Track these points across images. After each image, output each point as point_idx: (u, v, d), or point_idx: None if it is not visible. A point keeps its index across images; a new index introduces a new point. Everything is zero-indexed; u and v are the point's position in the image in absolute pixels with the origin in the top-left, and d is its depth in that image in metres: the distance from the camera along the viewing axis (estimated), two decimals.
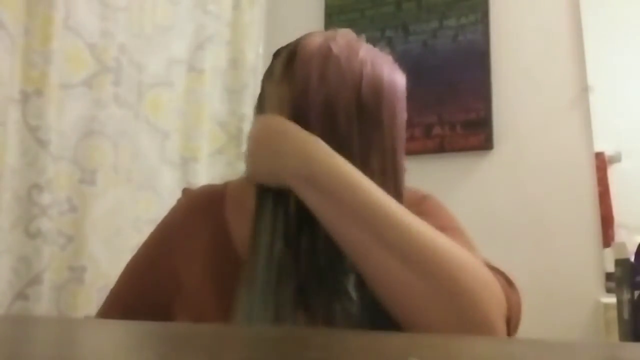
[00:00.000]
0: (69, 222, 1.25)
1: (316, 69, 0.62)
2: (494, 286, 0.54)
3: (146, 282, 0.71)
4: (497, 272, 0.58)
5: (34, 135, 1.18)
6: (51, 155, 1.19)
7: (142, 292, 0.70)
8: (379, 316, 0.57)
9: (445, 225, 0.63)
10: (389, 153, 0.64)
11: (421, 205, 0.69)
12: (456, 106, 1.73)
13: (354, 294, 0.59)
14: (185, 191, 0.77)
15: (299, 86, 0.62)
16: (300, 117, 0.61)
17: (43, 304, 1.14)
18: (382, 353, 0.33)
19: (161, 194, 1.48)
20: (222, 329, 0.46)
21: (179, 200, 0.77)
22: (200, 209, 0.68)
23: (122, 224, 1.34)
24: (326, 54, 0.63)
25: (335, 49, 0.63)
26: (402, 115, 0.67)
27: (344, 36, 0.67)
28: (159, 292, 0.68)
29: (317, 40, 0.65)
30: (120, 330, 0.44)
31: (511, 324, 0.56)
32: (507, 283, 0.58)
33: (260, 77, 0.71)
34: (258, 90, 0.70)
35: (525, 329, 0.60)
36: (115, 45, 1.37)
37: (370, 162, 0.61)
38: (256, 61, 1.81)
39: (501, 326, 0.53)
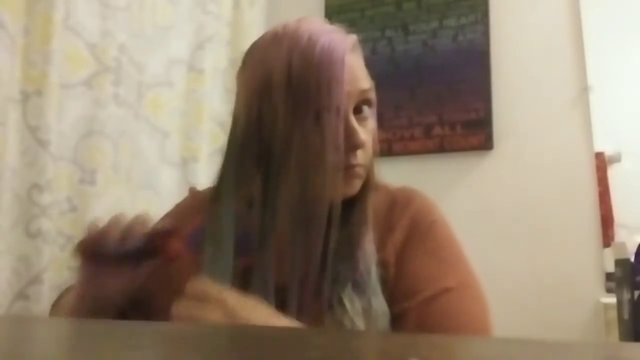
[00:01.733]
0: (69, 222, 1.25)
1: (259, 53, 0.64)
2: None
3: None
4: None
5: (34, 135, 1.18)
6: (51, 155, 1.19)
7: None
8: (371, 326, 0.58)
9: (449, 285, 0.62)
10: (316, 126, 0.60)
11: (428, 239, 0.67)
12: (456, 106, 1.73)
13: (348, 304, 0.59)
14: (192, 190, 0.78)
15: (245, 72, 0.64)
16: (242, 99, 0.63)
17: (43, 304, 1.14)
18: (382, 353, 0.33)
19: (161, 194, 1.48)
20: (222, 329, 0.46)
21: (185, 198, 0.78)
22: (203, 208, 0.68)
23: None
24: (271, 38, 0.64)
25: (280, 31, 0.64)
26: (338, 83, 0.60)
27: (300, 20, 0.66)
28: (153, 286, 0.68)
29: (270, 29, 0.66)
30: (121, 330, 0.44)
31: None
32: None
33: None
34: None
35: (525, 329, 0.60)
36: (115, 45, 1.36)
37: (293, 139, 0.59)
38: None
39: None
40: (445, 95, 1.74)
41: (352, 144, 0.61)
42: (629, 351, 0.36)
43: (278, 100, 0.59)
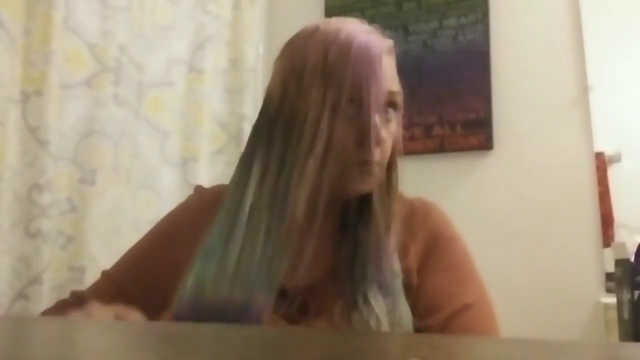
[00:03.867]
0: (69, 222, 1.25)
1: (298, 43, 0.65)
2: None
3: (144, 269, 0.71)
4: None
5: (34, 135, 1.18)
6: (51, 155, 1.19)
7: (138, 278, 0.71)
8: (395, 327, 0.58)
9: (469, 302, 0.65)
10: (343, 113, 0.61)
11: (445, 256, 0.69)
12: (456, 106, 1.72)
13: (374, 303, 0.59)
14: (198, 188, 0.79)
15: (283, 59, 0.66)
16: (276, 76, 0.65)
17: (43, 304, 1.14)
18: (382, 353, 0.33)
19: (161, 194, 1.48)
20: (222, 329, 0.46)
21: (190, 197, 0.78)
22: (210, 207, 0.68)
23: (122, 224, 1.34)
24: (311, 30, 0.66)
25: (322, 26, 0.65)
26: (374, 79, 0.62)
27: (340, 19, 0.68)
28: (155, 281, 0.68)
29: (311, 24, 0.68)
30: (121, 330, 0.44)
31: None
32: None
33: (260, 77, 0.72)
34: (258, 91, 0.71)
35: (525, 329, 0.61)
36: (115, 45, 1.36)
37: (320, 122, 0.60)
38: (256, 61, 1.81)
39: None
40: (445, 95, 1.74)
41: (371, 140, 0.62)
42: (629, 351, 0.36)
43: (310, 82, 0.61)
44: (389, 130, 0.65)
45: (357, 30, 0.64)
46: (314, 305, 0.62)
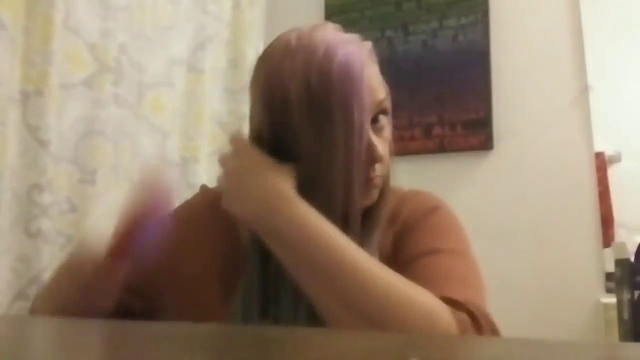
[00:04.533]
0: (69, 222, 1.25)
1: (273, 65, 0.62)
2: (430, 307, 0.53)
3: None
4: (470, 314, 0.55)
5: (34, 135, 1.18)
6: (51, 155, 1.19)
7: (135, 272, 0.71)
8: None
9: (440, 247, 0.63)
10: (341, 144, 0.59)
11: (426, 219, 0.68)
12: (456, 106, 1.73)
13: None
14: (203, 187, 0.79)
15: (259, 83, 0.64)
16: (260, 111, 0.63)
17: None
18: (382, 353, 0.33)
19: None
20: (222, 329, 0.46)
21: (195, 195, 0.78)
22: (214, 207, 0.68)
23: None
24: (284, 48, 0.62)
25: (294, 41, 0.62)
26: (359, 99, 0.59)
27: (314, 28, 0.64)
28: (153, 277, 0.68)
29: (282, 36, 0.65)
30: (121, 330, 0.44)
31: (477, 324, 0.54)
32: (475, 325, 0.54)
33: None
34: None
35: (525, 329, 0.60)
36: (115, 45, 1.36)
37: (320, 156, 0.59)
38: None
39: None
40: (445, 95, 1.74)
41: (371, 159, 0.61)
42: (629, 351, 0.36)
43: (299, 119, 0.59)
44: (383, 138, 0.64)
45: (334, 42, 0.60)
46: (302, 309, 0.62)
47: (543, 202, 1.61)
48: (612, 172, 1.58)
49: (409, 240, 0.66)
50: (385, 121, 0.65)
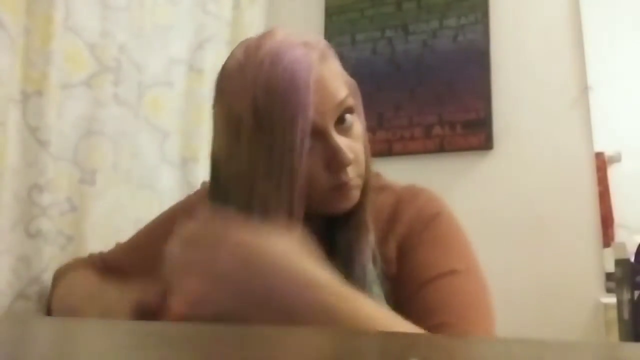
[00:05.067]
0: (69, 222, 1.25)
1: (225, 86, 0.62)
2: None
3: (143, 253, 0.72)
4: None
5: (34, 135, 1.18)
6: (51, 155, 1.19)
7: (137, 262, 0.72)
8: None
9: (453, 268, 0.62)
10: (287, 156, 0.56)
11: (432, 229, 0.66)
12: (456, 106, 1.72)
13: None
14: (204, 184, 0.80)
15: (215, 105, 0.63)
16: (217, 132, 0.62)
17: (43, 304, 1.14)
18: (382, 353, 0.33)
19: (161, 194, 1.48)
20: (222, 329, 0.46)
21: (197, 191, 0.79)
22: None
23: (122, 224, 1.34)
24: (234, 66, 0.61)
25: (242, 57, 0.60)
26: (304, 110, 0.56)
27: (262, 37, 0.62)
28: (154, 267, 0.68)
29: (233, 52, 0.63)
30: (121, 330, 0.44)
31: None
32: None
33: None
34: None
35: (525, 329, 0.61)
36: (115, 45, 1.36)
37: (270, 171, 0.57)
38: None
39: None
40: (445, 95, 1.74)
41: (339, 164, 0.59)
42: (629, 351, 0.36)
43: (251, 141, 0.58)
44: (353, 137, 0.62)
45: (281, 50, 0.58)
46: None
47: (543, 202, 1.61)
48: (612, 172, 1.58)
49: (419, 256, 0.64)
50: (353, 119, 0.63)
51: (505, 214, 1.64)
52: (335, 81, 0.61)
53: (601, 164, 1.58)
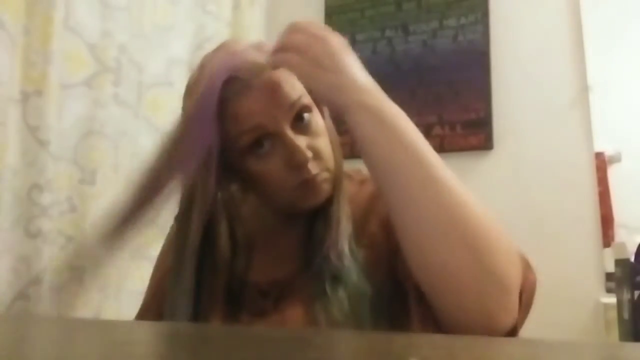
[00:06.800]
0: (69, 222, 1.25)
1: (185, 105, 0.70)
2: (514, 253, 0.58)
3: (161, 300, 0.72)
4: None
5: (34, 135, 1.18)
6: (51, 155, 1.19)
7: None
8: (357, 310, 0.58)
9: None
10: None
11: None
12: (456, 106, 1.73)
13: (330, 292, 0.60)
14: None
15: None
16: None
17: (43, 304, 1.14)
18: (382, 353, 0.33)
19: None
20: (222, 329, 0.46)
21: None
22: None
23: None
24: (190, 83, 0.68)
25: (196, 73, 0.66)
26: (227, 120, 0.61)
27: (215, 51, 0.68)
28: None
29: (195, 67, 0.69)
30: (120, 330, 0.44)
31: (522, 298, 0.58)
32: (525, 262, 0.61)
33: None
34: None
35: (525, 329, 0.61)
36: (115, 45, 1.36)
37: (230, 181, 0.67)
38: None
39: (515, 288, 0.56)
40: (445, 95, 1.74)
41: (297, 162, 0.60)
42: (629, 351, 0.36)
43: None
44: (315, 134, 0.63)
45: (220, 63, 0.61)
46: (289, 299, 0.62)
47: (543, 202, 1.61)
48: (612, 172, 1.58)
49: None
50: (311, 117, 0.63)
51: (505, 214, 1.64)
52: (288, 82, 0.62)
53: (601, 164, 1.58)
